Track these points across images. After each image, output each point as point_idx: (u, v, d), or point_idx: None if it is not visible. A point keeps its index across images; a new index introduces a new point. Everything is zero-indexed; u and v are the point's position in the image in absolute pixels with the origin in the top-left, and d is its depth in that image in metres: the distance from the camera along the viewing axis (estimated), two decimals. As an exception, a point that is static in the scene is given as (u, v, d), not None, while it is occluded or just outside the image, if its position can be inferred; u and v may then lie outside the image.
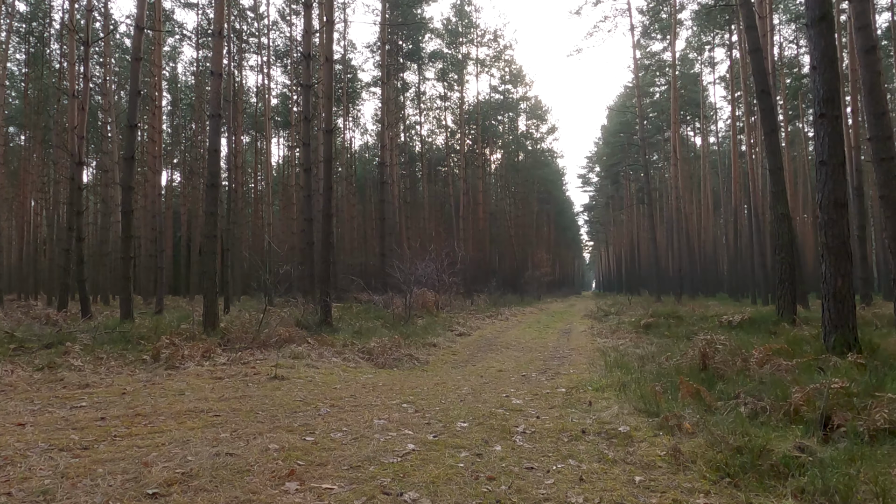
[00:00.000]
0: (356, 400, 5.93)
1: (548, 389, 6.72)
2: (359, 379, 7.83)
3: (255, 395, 6.26)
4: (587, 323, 18.63)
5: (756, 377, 6.18)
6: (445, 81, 41.37)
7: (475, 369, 9.13)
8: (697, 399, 5.42)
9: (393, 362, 9.71)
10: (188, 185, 42.73)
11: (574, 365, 9.39)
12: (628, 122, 56.10)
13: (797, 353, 6.94)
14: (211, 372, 7.71)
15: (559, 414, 5.20)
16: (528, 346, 12.16)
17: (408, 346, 11.10)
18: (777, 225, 13.26)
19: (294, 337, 10.83)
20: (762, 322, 12.79)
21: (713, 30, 41.88)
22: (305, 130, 16.26)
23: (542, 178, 58.82)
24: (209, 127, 12.43)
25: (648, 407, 5.28)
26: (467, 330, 14.98)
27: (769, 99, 13.48)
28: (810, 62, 6.95)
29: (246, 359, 8.74)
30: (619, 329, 14.23)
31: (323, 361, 9.05)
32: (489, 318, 19.41)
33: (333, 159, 16.48)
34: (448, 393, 6.41)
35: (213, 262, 12.18)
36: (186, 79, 43.30)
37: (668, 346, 10.36)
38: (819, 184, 6.80)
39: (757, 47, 13.76)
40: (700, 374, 6.57)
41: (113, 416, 5.24)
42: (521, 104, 48.96)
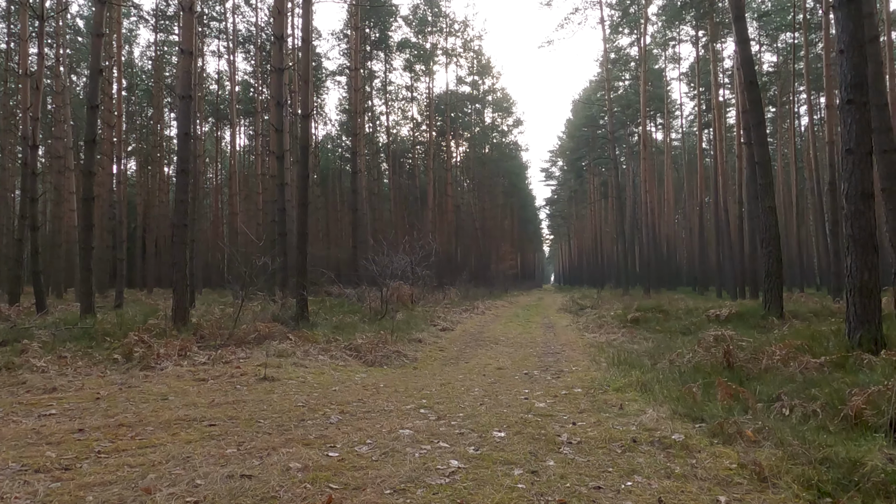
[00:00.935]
0: (365, 405, 5.37)
1: (563, 390, 6.27)
2: (354, 379, 7.27)
3: (249, 399, 5.65)
4: (565, 317, 18.35)
5: (786, 376, 5.86)
6: (412, 72, 40.66)
7: (470, 367, 8.65)
8: (737, 401, 5.04)
9: (382, 360, 9.16)
10: (144, 173, 41.14)
11: (573, 362, 9.00)
12: (593, 116, 56.29)
13: (819, 349, 6.66)
14: (192, 373, 7.04)
15: (595, 420, 4.75)
16: (517, 342, 11.74)
17: (394, 343, 10.55)
18: (764, 218, 13.10)
19: (273, 333, 10.17)
20: (750, 316, 12.65)
21: (679, 25, 42.19)
22: (279, 116, 15.50)
23: (508, 170, 58.64)
24: (179, 109, 11.62)
25: (689, 410, 4.88)
26: (449, 324, 14.49)
27: (757, 90, 13.30)
28: (837, 46, 6.65)
29: (227, 357, 8.07)
30: (605, 324, 13.93)
31: (310, 360, 8.44)
32: (466, 312, 18.95)
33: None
34: (461, 395, 5.91)
35: (184, 253, 11.40)
36: (143, 63, 41.65)
37: (666, 342, 10.09)
38: (845, 173, 6.52)
39: (744, 38, 13.56)
40: (725, 373, 6.22)
41: (92, 427, 4.58)
42: (487, 96, 48.56)
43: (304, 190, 13.35)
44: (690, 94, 51.37)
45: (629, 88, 48.53)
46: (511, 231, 64.98)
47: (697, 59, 38.17)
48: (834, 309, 13.53)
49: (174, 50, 38.15)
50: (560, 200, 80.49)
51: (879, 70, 9.55)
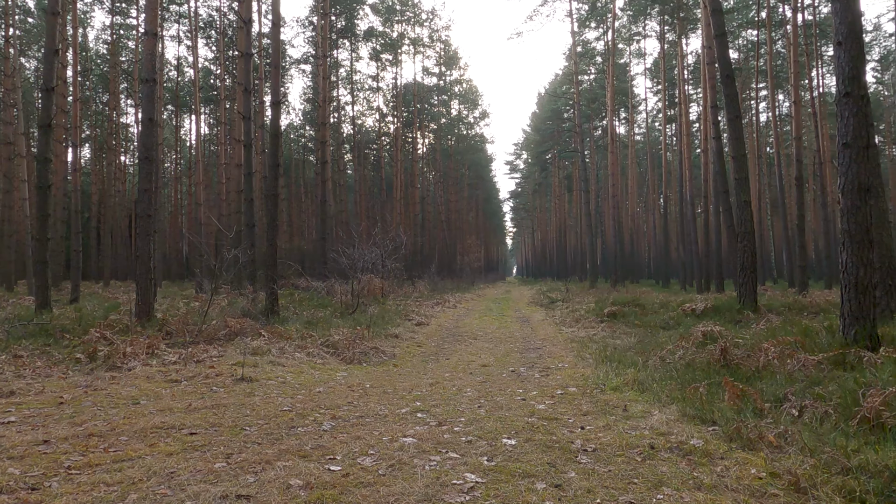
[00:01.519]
0: (356, 408, 5.05)
1: (559, 390, 6.04)
2: (335, 378, 6.93)
3: (229, 402, 5.27)
4: (538, 311, 18.21)
5: (786, 375, 5.73)
6: (378, 61, 40.05)
7: (453, 364, 8.38)
8: (744, 402, 4.88)
9: (360, 357, 8.83)
10: (98, 161, 39.67)
11: (557, 358, 8.80)
12: (559, 110, 56.46)
13: (814, 346, 6.57)
14: (163, 373, 6.60)
15: (603, 423, 4.52)
16: (496, 337, 11.51)
17: (371, 339, 10.21)
18: (740, 212, 13.12)
19: (245, 329, 9.73)
20: (726, 310, 12.65)
21: (644, 20, 42.48)
22: (246, 102, 14.92)
23: (473, 163, 58.49)
24: (143, 93, 11.01)
25: (697, 412, 4.68)
26: (424, 319, 14.19)
27: (733, 84, 13.29)
28: (834, 38, 6.54)
29: (199, 356, 7.63)
30: (581, 318, 13.80)
31: (286, 358, 8.06)
32: (438, 306, 18.67)
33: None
34: (455, 397, 5.63)
35: (148, 245, 10.83)
36: (98, 47, 40.09)
37: (648, 337, 9.98)
38: (842, 167, 6.42)
39: (722, 32, 13.54)
40: (721, 371, 6.07)
41: (59, 438, 4.16)
42: (454, 87, 48.20)
43: (275, 180, 12.86)
44: (654, 89, 52.04)
45: (594, 83, 48.76)
46: (476, 223, 64.95)
47: (663, 55, 38.49)
48: (805, 303, 13.67)
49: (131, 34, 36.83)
50: (524, 193, 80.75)
51: (861, 65, 9.53)
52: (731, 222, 20.83)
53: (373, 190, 51.19)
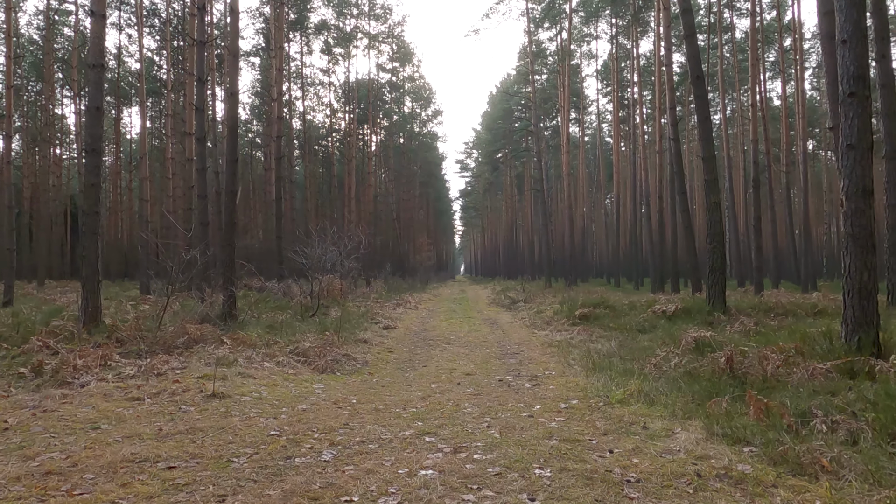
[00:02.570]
0: (353, 431, 4.53)
1: (561, 403, 5.66)
2: (314, 391, 6.38)
3: (205, 426, 4.67)
4: (502, 312, 17.90)
5: (796, 385, 5.49)
6: (331, 55, 39.13)
7: (432, 372, 7.91)
8: (769, 417, 4.59)
9: (333, 365, 8.25)
10: (30, 154, 37.48)
11: (540, 364, 8.44)
12: (510, 110, 56.54)
13: (815, 353, 6.38)
14: (122, 390, 5.91)
15: (632, 446, 4.14)
16: (469, 341, 11.08)
17: (341, 345, 9.64)
18: (709, 214, 13.08)
19: (205, 336, 9.02)
20: (697, 312, 12.57)
21: (597, 21, 42.86)
22: (200, 93, 14.08)
23: (426, 161, 58.05)
24: (90, 80, 10.15)
25: (726, 430, 4.36)
26: (390, 322, 13.65)
27: (703, 85, 13.24)
28: (839, 36, 6.37)
29: (159, 368, 6.92)
30: (551, 320, 13.52)
31: (255, 368, 7.43)
32: (399, 307, 18.15)
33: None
34: (455, 415, 5.16)
35: (95, 244, 9.97)
36: (30, 33, 37.84)
37: (630, 342, 9.72)
38: (845, 170, 6.25)
39: (692, 33, 13.48)
40: (727, 381, 5.80)
41: (9, 478, 3.52)
42: (407, 84, 47.63)
43: (233, 175, 12.13)
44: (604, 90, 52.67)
45: (546, 83, 48.95)
46: (426, 222, 64.53)
47: (615, 57, 38.84)
48: (771, 304, 13.73)
49: (68, 19, 34.93)
50: (474, 192, 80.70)
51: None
52: (689, 223, 21.07)
53: (322, 187, 50.13)
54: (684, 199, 21.00)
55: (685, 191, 21.08)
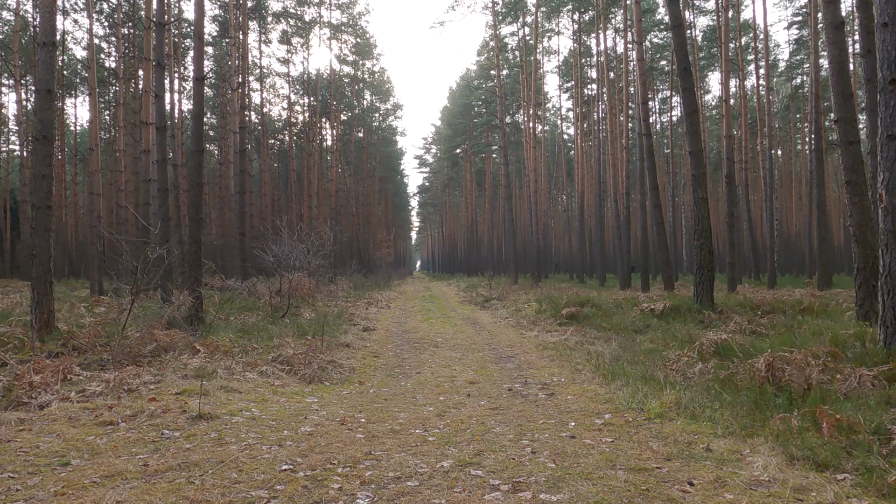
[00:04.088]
0: (380, 463, 3.86)
1: (595, 418, 5.11)
2: (310, 408, 5.68)
3: (200, 458, 3.94)
4: (478, 311, 17.34)
5: (847, 394, 5.07)
6: (290, 45, 37.88)
7: (429, 380, 7.28)
8: (845, 435, 4.12)
9: (320, 374, 7.54)
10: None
11: (542, 369, 7.91)
12: (471, 105, 56.07)
13: (852, 358, 5.99)
14: (90, 412, 5.09)
15: (713, 476, 3.59)
16: (456, 344, 10.48)
17: (325, 350, 8.92)
18: (696, 210, 12.78)
19: (175, 342, 8.19)
20: (685, 310, 12.27)
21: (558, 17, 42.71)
22: (159, 79, 13.06)
23: (385, 155, 57.15)
24: (40, 60, 9.11)
25: (807, 453, 3.86)
26: (369, 323, 12.93)
27: (690, 77, 12.92)
28: (879, 18, 5.98)
29: (129, 382, 6.09)
30: (536, 320, 13.02)
31: (238, 380, 6.66)
32: (371, 306, 17.41)
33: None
34: (486, 436, 4.54)
35: (47, 242, 8.98)
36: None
37: (627, 343, 9.28)
38: (887, 162, 5.87)
39: (679, 23, 13.15)
40: (769, 391, 5.35)
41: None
42: (367, 77, 46.63)
43: (199, 167, 11.22)
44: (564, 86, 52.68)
45: (507, 78, 48.64)
46: (385, 218, 63.66)
47: (579, 52, 38.72)
48: (756, 301, 13.53)
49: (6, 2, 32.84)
50: (433, 188, 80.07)
51: (845, 58, 9.25)
52: (661, 219, 20.90)
53: (279, 182, 48.72)
54: (656, 195, 20.79)
55: (657, 186, 20.88)
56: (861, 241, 8.81)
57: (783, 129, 48.63)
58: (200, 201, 11.29)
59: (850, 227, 8.98)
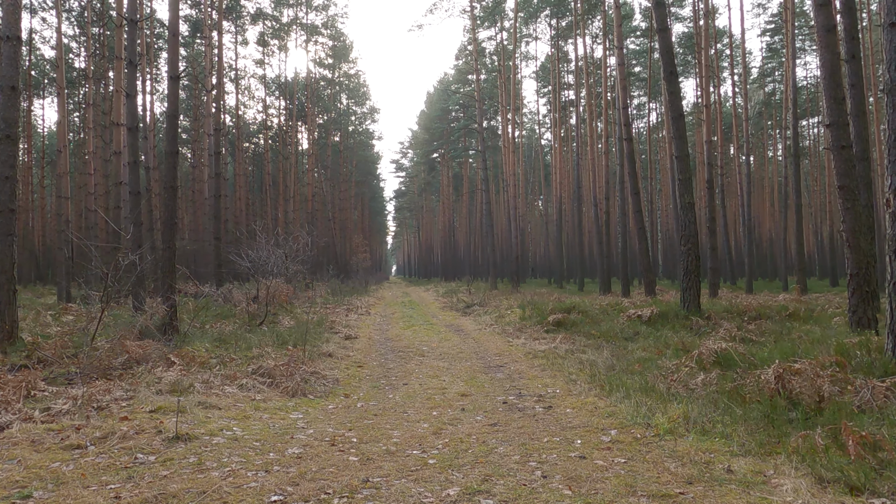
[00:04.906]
0: (380, 492, 3.51)
1: (602, 434, 4.82)
2: (296, 425, 5.32)
3: (179, 489, 3.56)
4: (461, 317, 17.03)
5: (862, 407, 4.86)
6: (266, 47, 37.30)
7: (417, 392, 6.95)
8: (871, 454, 3.89)
9: (303, 386, 7.15)
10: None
11: (535, 379, 7.62)
12: (448, 109, 55.91)
13: (860, 368, 5.81)
14: (56, 433, 4.66)
15: (744, 503, 3.32)
16: (443, 352, 10.15)
17: (307, 361, 8.53)
18: (684, 215, 12.64)
19: (148, 354, 7.75)
20: (673, 316, 12.12)
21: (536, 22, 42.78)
22: (131, 78, 12.58)
23: (362, 159, 56.69)
24: (4, 55, 8.62)
25: (836, 475, 3.61)
26: (350, 331, 12.54)
27: (676, 81, 12.80)
28: (886, 18, 5.82)
29: (99, 399, 5.67)
30: (522, 327, 12.75)
31: (217, 395, 6.27)
32: (351, 313, 17.01)
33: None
34: (489, 457, 4.22)
35: (11, 247, 8.48)
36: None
37: (619, 351, 9.06)
38: (894, 166, 5.71)
39: (665, 26, 13.02)
40: (780, 404, 5.12)
41: None
42: (344, 80, 46.18)
43: (173, 169, 10.76)
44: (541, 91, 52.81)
45: (484, 83, 48.58)
46: (361, 222, 63.11)
47: (556, 57, 38.76)
48: (742, 306, 13.43)
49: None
50: (409, 192, 79.71)
51: (837, 62, 9.16)
52: (642, 224, 20.84)
53: (253, 186, 47.98)
54: (637, 200, 20.75)
55: (638, 191, 20.84)
56: (854, 246, 8.70)
57: (756, 135, 49.22)
58: (175, 205, 10.83)
59: (842, 233, 8.86)
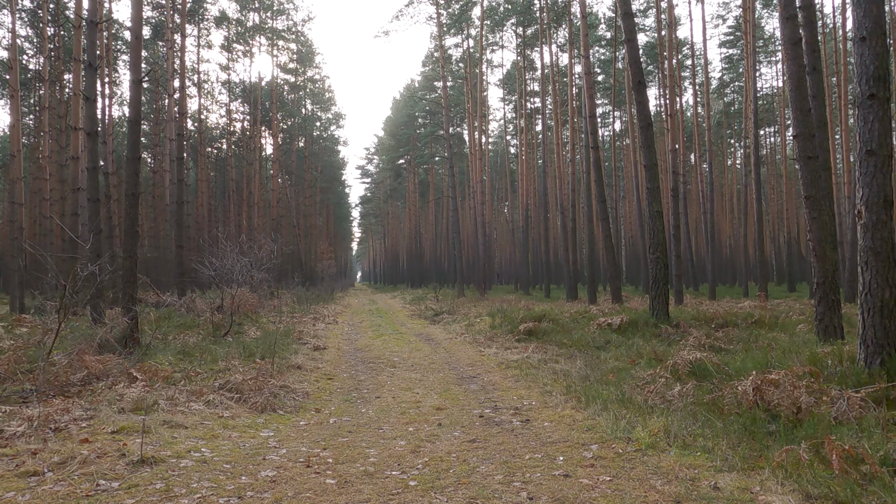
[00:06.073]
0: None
1: (583, 450, 4.74)
2: (268, 444, 5.12)
3: (145, 518, 3.36)
4: (430, 326, 16.88)
5: (839, 419, 4.88)
6: (231, 52, 36.71)
7: (391, 406, 6.80)
8: (854, 468, 3.89)
9: (272, 401, 6.93)
10: None
11: (510, 391, 7.54)
12: (414, 116, 55.83)
13: (833, 378, 5.85)
14: (10, 458, 4.38)
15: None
16: (415, 363, 10.00)
17: (276, 374, 8.29)
18: (652, 223, 12.74)
19: (109, 369, 7.44)
20: (643, 324, 12.19)
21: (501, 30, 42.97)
22: (90, 81, 12.16)
23: (327, 165, 56.19)
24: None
25: (824, 491, 3.59)
26: (318, 341, 12.29)
27: (644, 91, 12.91)
28: (857, 33, 5.90)
29: (56, 418, 5.37)
30: (492, 336, 12.65)
31: (182, 412, 6.01)
32: (318, 322, 16.73)
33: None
34: (471, 477, 4.10)
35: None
36: None
37: (592, 360, 9.04)
38: (865, 178, 5.77)
39: (632, 37, 13.14)
40: (759, 416, 5.12)
41: None
42: (309, 85, 45.73)
43: (135, 175, 10.40)
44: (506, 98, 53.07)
45: (451, 90, 48.63)
46: (327, 229, 62.50)
47: (522, 66, 38.98)
48: (709, 314, 13.58)
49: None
50: (375, 199, 79.32)
51: (803, 74, 9.31)
52: (609, 231, 21.01)
53: (216, 192, 47.13)
54: (604, 208, 20.93)
55: (604, 198, 21.02)
56: (820, 256, 8.83)
57: (716, 144, 50.26)
58: (136, 212, 10.47)
59: (809, 242, 8.99)
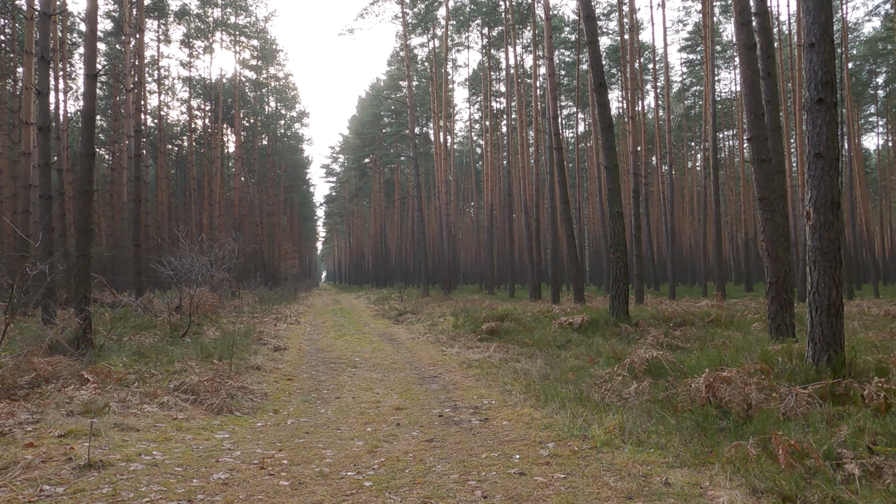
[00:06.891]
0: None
1: (539, 448, 4.78)
2: (222, 447, 5.04)
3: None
4: (393, 326, 16.83)
5: (787, 414, 5.01)
6: (191, 48, 36.04)
7: (350, 406, 6.76)
8: (799, 462, 3.99)
9: (229, 403, 6.82)
10: None
11: (471, 390, 7.56)
12: (380, 115, 55.62)
13: (783, 375, 6.00)
14: (-51, 465, 4.23)
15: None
16: (376, 363, 9.95)
17: (234, 375, 8.17)
18: (612, 223, 12.92)
19: (59, 371, 7.23)
20: (603, 323, 12.34)
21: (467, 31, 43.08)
22: (43, 75, 11.83)
23: (291, 163, 55.59)
24: None
25: (770, 485, 3.68)
26: (279, 342, 12.13)
27: (606, 93, 13.09)
28: (806, 39, 6.05)
29: (0, 423, 5.20)
30: (455, 335, 12.68)
31: (135, 415, 5.88)
32: (280, 322, 16.53)
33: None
34: (432, 478, 4.09)
35: None
36: None
37: (553, 359, 9.11)
38: (814, 180, 5.93)
39: (594, 39, 13.29)
40: (712, 412, 5.22)
41: None
42: (272, 83, 45.18)
43: (89, 172, 10.13)
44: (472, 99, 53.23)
45: (416, 90, 48.58)
46: (290, 228, 61.86)
47: (488, 66, 39.14)
48: (668, 313, 13.82)
49: None
50: (340, 198, 78.79)
51: (756, 78, 9.54)
52: (572, 232, 21.24)
53: (176, 190, 46.24)
54: (567, 209, 21.15)
55: (567, 199, 21.24)
56: (773, 256, 9.06)
57: (677, 146, 51.23)
58: (90, 210, 10.21)
59: (762, 243, 9.22)
